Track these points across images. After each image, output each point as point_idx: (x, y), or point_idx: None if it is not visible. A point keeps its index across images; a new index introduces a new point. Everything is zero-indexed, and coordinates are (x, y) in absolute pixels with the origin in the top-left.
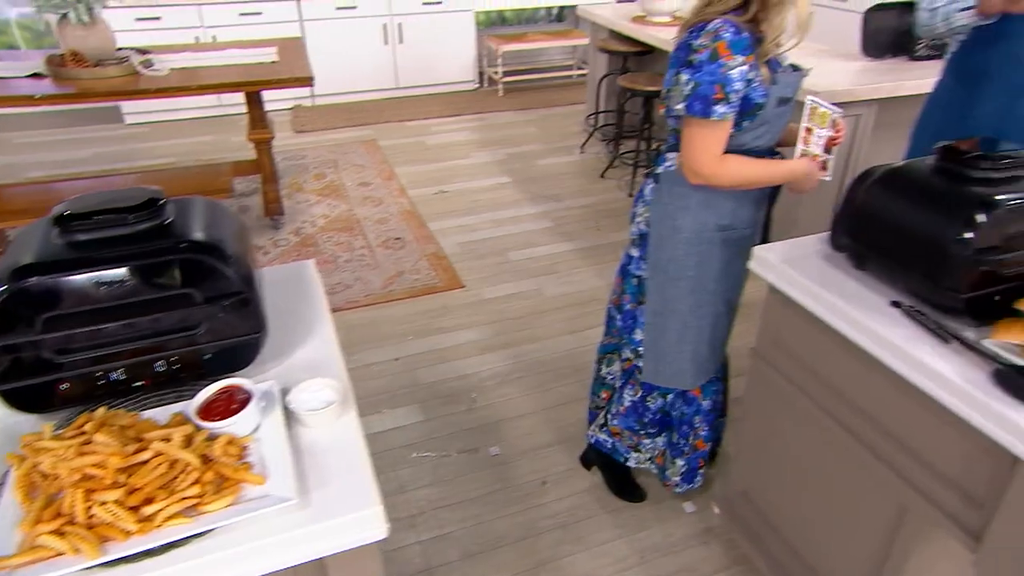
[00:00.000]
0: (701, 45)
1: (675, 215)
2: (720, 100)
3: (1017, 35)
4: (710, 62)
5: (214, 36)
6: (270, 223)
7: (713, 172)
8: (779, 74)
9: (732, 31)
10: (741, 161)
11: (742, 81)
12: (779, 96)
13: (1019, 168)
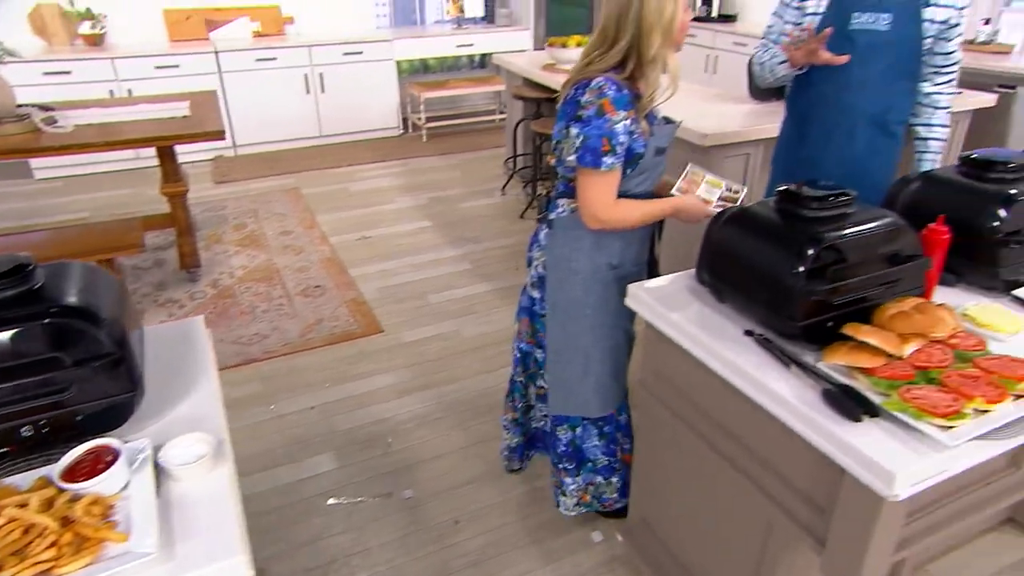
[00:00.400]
0: (588, 101)
1: (571, 258)
2: (608, 152)
3: (824, 81)
4: (597, 117)
5: (129, 90)
6: (187, 276)
7: (610, 216)
8: (655, 126)
9: (614, 88)
10: (631, 203)
11: (626, 134)
12: (656, 146)
13: (845, 206)
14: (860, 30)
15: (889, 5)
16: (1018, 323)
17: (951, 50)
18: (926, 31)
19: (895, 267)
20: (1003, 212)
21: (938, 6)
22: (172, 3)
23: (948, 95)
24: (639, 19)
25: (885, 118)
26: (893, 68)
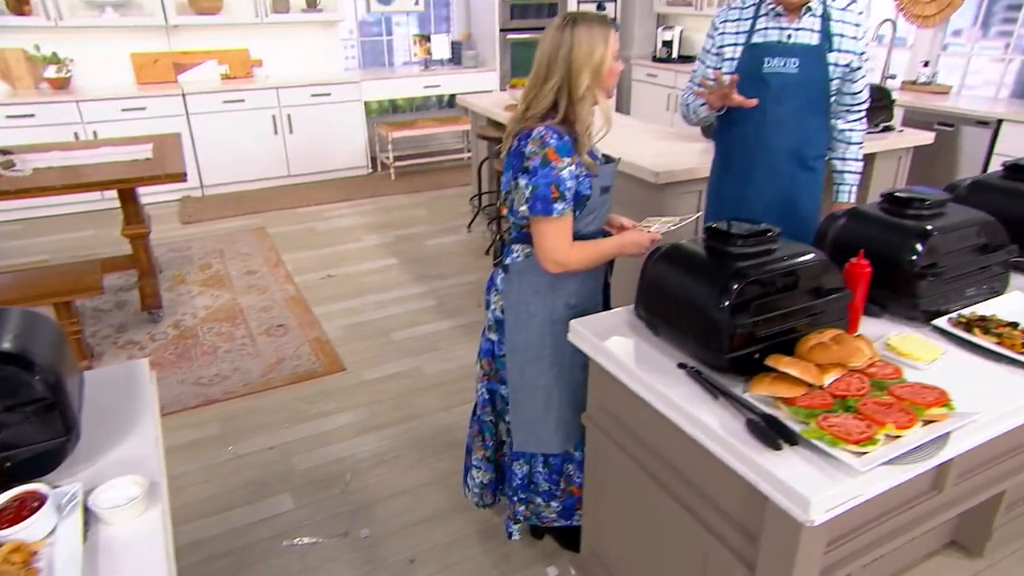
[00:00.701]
0: (532, 152)
1: (528, 301)
2: (557, 198)
3: (744, 120)
4: (543, 166)
5: (94, 132)
6: (148, 317)
7: (569, 258)
8: (598, 166)
9: (556, 137)
10: (584, 245)
11: (572, 179)
12: (601, 185)
13: (769, 243)
14: (772, 73)
15: (797, 51)
16: (935, 352)
17: (857, 90)
18: (832, 73)
19: (818, 300)
20: (920, 247)
21: (840, 51)
22: (140, 47)
23: (860, 131)
24: (569, 59)
25: (802, 153)
26: (805, 107)
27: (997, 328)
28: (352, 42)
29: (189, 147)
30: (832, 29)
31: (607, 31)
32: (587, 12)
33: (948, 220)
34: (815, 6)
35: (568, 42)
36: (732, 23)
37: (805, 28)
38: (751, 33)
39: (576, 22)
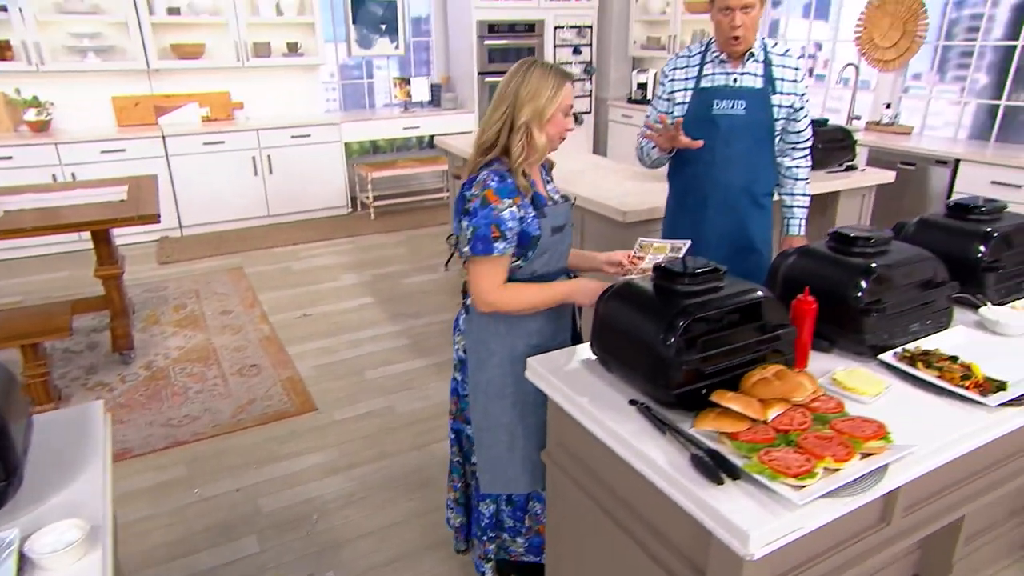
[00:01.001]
0: (473, 195)
1: (488, 341)
2: (498, 238)
3: (697, 160)
4: (483, 207)
5: (73, 174)
6: (119, 359)
7: (497, 299)
8: (548, 207)
9: (497, 179)
10: (521, 288)
11: (514, 220)
12: (552, 225)
13: (716, 281)
14: (721, 115)
15: (743, 94)
16: (880, 386)
17: (801, 128)
18: (776, 114)
19: (764, 336)
20: (864, 283)
21: (783, 93)
22: (121, 91)
23: (805, 167)
24: (517, 93)
25: (752, 190)
26: (753, 146)
27: (939, 362)
28: (333, 85)
29: (168, 188)
30: (773, 73)
31: (561, 82)
32: (552, 63)
33: (891, 258)
34: (757, 52)
35: (520, 79)
36: (681, 70)
37: (749, 72)
38: (699, 78)
39: (535, 65)
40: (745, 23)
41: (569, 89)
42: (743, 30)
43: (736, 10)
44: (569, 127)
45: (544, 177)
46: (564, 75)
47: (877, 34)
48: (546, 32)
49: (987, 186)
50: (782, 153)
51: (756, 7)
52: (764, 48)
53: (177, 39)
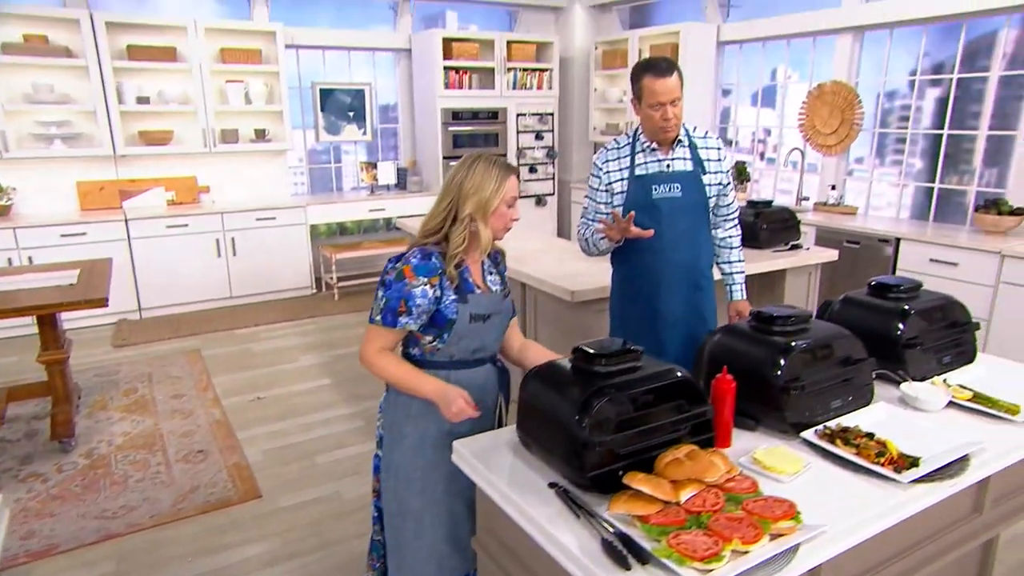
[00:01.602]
0: (392, 268)
1: (400, 422)
2: (403, 313)
3: (638, 246)
4: (396, 281)
5: (30, 258)
6: (59, 447)
7: (371, 361)
8: (474, 295)
9: (419, 257)
10: (392, 362)
11: (424, 298)
12: (473, 313)
13: (631, 361)
14: (661, 199)
15: (677, 177)
16: (798, 464)
17: (730, 202)
18: (709, 192)
19: (681, 416)
20: (783, 362)
21: (710, 172)
22: (87, 176)
23: (737, 236)
24: (461, 184)
25: (698, 264)
26: (694, 225)
27: (856, 439)
28: (302, 169)
29: (128, 271)
30: (700, 155)
31: (504, 176)
32: (497, 156)
33: (810, 336)
34: (682, 138)
35: (465, 173)
36: (613, 161)
37: (679, 157)
38: (632, 167)
39: (479, 160)
40: (676, 114)
41: (513, 182)
42: (674, 121)
43: (667, 104)
44: (514, 218)
45: (488, 267)
46: (508, 169)
47: (818, 121)
48: (509, 119)
49: (926, 263)
50: (715, 226)
51: (681, 99)
52: (687, 134)
53: (145, 126)
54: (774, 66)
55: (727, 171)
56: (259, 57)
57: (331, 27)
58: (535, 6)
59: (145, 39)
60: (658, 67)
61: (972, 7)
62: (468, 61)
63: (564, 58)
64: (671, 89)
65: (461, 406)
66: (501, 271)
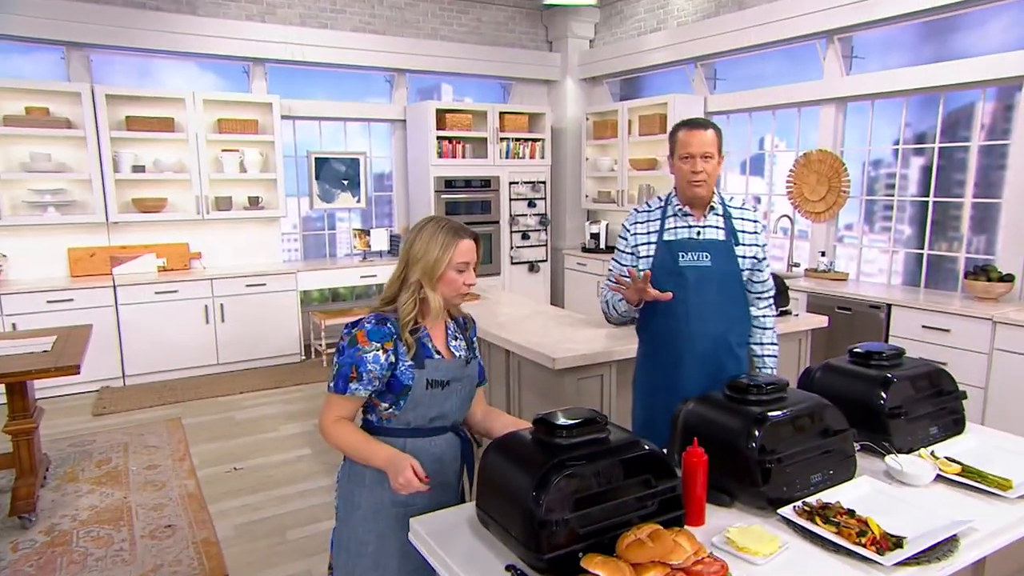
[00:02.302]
0: (346, 333)
1: (354, 492)
2: (354, 379)
3: (667, 311)
4: (349, 347)
5: (13, 324)
6: (17, 523)
7: (326, 430)
8: (432, 360)
9: (373, 322)
10: (345, 431)
11: (376, 363)
12: (430, 378)
13: (596, 432)
14: (688, 267)
15: (707, 245)
16: (774, 544)
17: (764, 278)
18: (742, 264)
19: (647, 492)
20: (757, 433)
21: (745, 245)
22: (79, 243)
23: (771, 316)
24: (409, 250)
25: (727, 340)
26: (723, 297)
27: (836, 516)
28: (296, 236)
29: (114, 337)
30: (735, 226)
31: (451, 240)
32: (448, 220)
33: (787, 406)
34: (716, 205)
35: (413, 238)
36: (642, 224)
37: (711, 225)
38: (662, 231)
39: (428, 223)
40: (706, 170)
41: (464, 247)
42: (704, 175)
43: (697, 157)
44: (468, 283)
45: (453, 331)
46: (456, 232)
47: (806, 189)
48: (502, 187)
49: (919, 330)
50: (748, 303)
51: (715, 157)
52: (723, 202)
53: (139, 194)
54: (761, 135)
55: (763, 245)
56: (255, 127)
57: (328, 98)
58: (528, 79)
59: (144, 110)
60: (694, 121)
61: (948, 80)
62: (461, 131)
63: (556, 128)
64: (703, 142)
65: (409, 477)
66: (469, 336)
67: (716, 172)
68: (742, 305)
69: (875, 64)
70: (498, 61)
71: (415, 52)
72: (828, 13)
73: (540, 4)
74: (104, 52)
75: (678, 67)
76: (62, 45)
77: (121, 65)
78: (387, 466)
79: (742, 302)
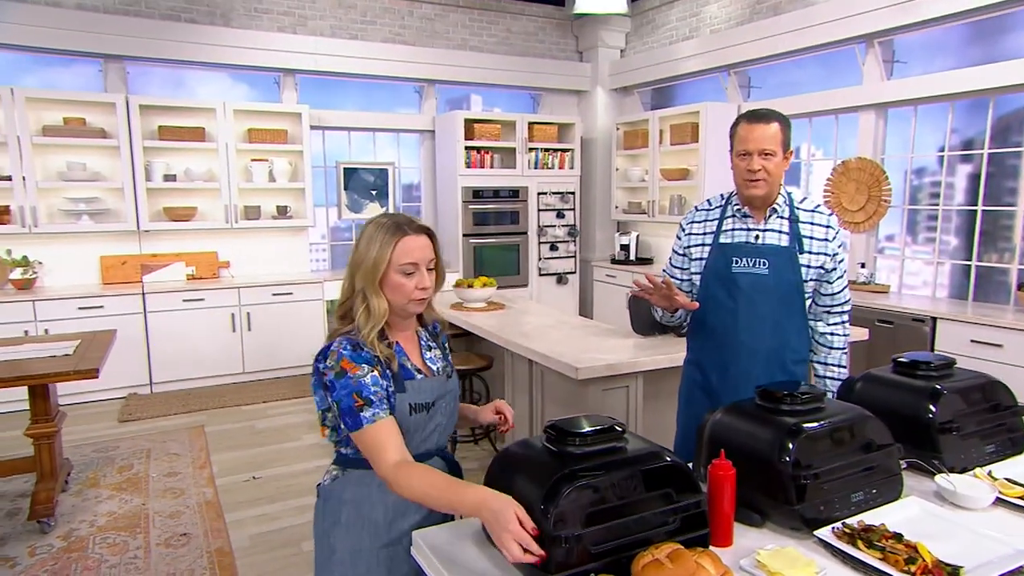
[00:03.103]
0: (328, 367)
1: (329, 533)
2: (363, 406)
3: (716, 321)
4: (339, 378)
5: (46, 329)
6: (37, 527)
7: (396, 478)
8: (413, 381)
9: (349, 347)
10: (419, 473)
11: (376, 385)
12: (413, 402)
13: (613, 441)
14: (742, 273)
15: (766, 252)
16: (809, 569)
17: (836, 291)
18: (806, 275)
19: (669, 507)
20: (791, 446)
21: (812, 253)
22: (111, 251)
23: (842, 335)
24: (354, 251)
25: (781, 356)
26: (780, 309)
27: (881, 540)
28: (324, 246)
29: (143, 345)
30: (801, 231)
31: (391, 239)
32: (399, 215)
33: (824, 417)
34: (781, 207)
35: (357, 239)
36: (699, 224)
37: (773, 229)
38: (718, 233)
39: (371, 222)
40: (766, 168)
41: (410, 245)
42: (763, 174)
43: (754, 154)
44: (420, 286)
45: (426, 340)
46: (398, 229)
47: (845, 198)
48: (530, 197)
49: (967, 345)
50: (816, 317)
51: (777, 155)
52: (790, 203)
53: (170, 203)
54: (797, 144)
55: (835, 254)
56: (285, 137)
57: (358, 109)
58: (558, 90)
59: (176, 120)
60: (755, 113)
61: (998, 82)
62: (490, 141)
63: (586, 138)
64: (762, 138)
65: (518, 531)
66: (442, 343)
67: (780, 171)
68: (800, 319)
69: (918, 68)
70: (528, 71)
71: (444, 63)
72: (868, 16)
73: (570, 14)
74: (140, 64)
75: (711, 75)
76: (100, 57)
77: (156, 76)
78: (483, 513)
79: (800, 316)
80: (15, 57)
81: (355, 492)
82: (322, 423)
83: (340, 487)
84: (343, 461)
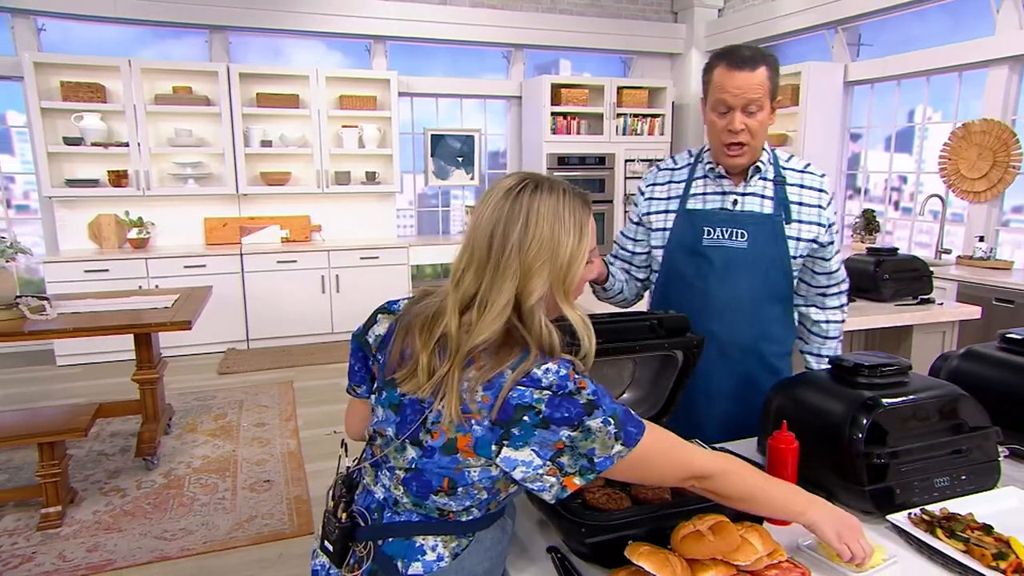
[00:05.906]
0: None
1: None
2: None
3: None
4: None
5: (157, 285)
6: (144, 464)
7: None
8: None
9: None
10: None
11: None
12: None
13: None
14: (714, 246)
15: (745, 220)
16: (878, 557)
17: (834, 268)
18: (794, 250)
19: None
20: (865, 421)
21: (802, 222)
22: (213, 213)
23: (837, 322)
24: (518, 244)
25: (760, 349)
26: (761, 291)
27: (966, 531)
28: (411, 212)
29: (240, 302)
30: (788, 195)
31: (586, 213)
32: (555, 178)
33: (907, 391)
34: (765, 167)
35: (521, 220)
36: (662, 186)
37: (754, 193)
38: (685, 197)
39: (539, 188)
40: (749, 129)
41: (593, 224)
42: (746, 136)
43: (736, 110)
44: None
45: None
46: (585, 201)
47: (964, 165)
48: (616, 164)
49: None
50: (809, 301)
51: (764, 109)
52: (775, 162)
53: (266, 168)
54: (911, 106)
55: (829, 225)
56: (374, 103)
57: (446, 75)
58: (650, 52)
59: (272, 87)
60: (737, 55)
61: None
62: (577, 107)
63: (678, 104)
64: (746, 87)
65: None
66: None
67: (765, 127)
68: (785, 304)
69: None
70: (618, 34)
71: (533, 27)
72: None
73: None
74: (242, 33)
75: (817, 32)
76: (206, 28)
77: (256, 45)
78: (824, 512)
79: (785, 300)
80: (135, 31)
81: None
82: (534, 489)
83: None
84: (462, 528)
